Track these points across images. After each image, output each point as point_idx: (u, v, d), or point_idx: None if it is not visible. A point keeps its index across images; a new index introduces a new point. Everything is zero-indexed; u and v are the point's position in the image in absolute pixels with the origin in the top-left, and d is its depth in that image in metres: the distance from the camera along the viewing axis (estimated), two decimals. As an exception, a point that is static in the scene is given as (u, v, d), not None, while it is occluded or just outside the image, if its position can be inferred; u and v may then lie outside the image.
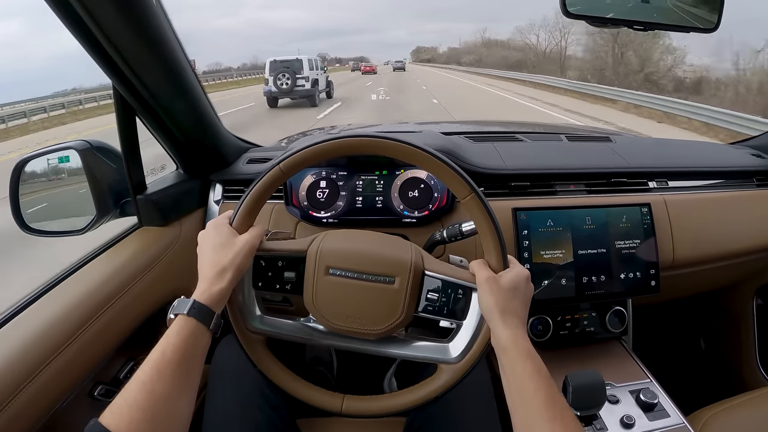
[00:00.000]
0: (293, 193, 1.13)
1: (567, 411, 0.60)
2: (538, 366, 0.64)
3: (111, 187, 1.04)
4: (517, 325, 0.68)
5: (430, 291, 0.74)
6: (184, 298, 0.66)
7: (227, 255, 0.70)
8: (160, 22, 0.82)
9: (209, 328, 0.66)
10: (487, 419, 0.92)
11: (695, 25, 1.04)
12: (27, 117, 17.75)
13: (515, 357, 0.65)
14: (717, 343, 1.59)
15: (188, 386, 0.62)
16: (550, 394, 0.61)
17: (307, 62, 15.16)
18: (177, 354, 0.61)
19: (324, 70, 17.99)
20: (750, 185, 1.31)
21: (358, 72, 53.36)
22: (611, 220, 1.11)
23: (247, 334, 0.76)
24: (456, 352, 0.75)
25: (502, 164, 1.19)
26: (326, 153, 0.73)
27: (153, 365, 0.59)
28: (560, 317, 1.14)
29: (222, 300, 0.68)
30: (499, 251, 0.72)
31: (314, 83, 15.59)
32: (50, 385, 0.75)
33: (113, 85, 0.91)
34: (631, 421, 0.95)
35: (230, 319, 0.75)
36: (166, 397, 0.58)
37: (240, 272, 0.70)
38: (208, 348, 0.67)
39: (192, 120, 1.05)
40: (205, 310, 0.66)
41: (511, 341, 0.66)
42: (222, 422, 0.88)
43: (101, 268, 0.96)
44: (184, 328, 0.63)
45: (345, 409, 0.75)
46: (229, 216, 0.75)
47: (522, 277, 0.72)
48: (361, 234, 0.81)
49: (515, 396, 0.64)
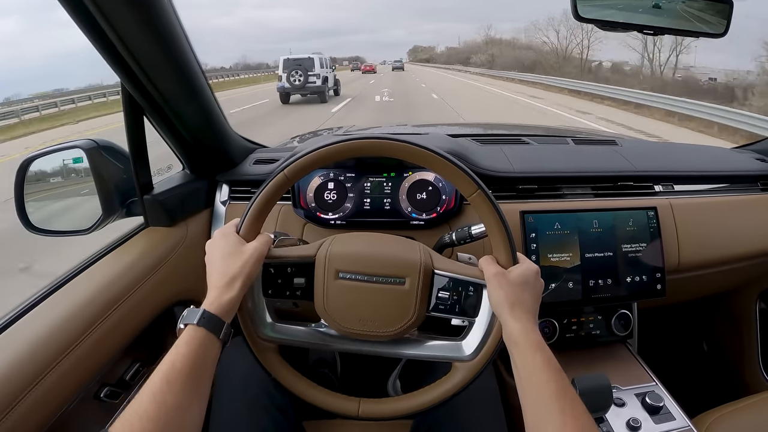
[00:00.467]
0: (301, 195, 1.13)
1: (578, 403, 0.60)
2: (548, 358, 0.64)
3: (117, 186, 1.03)
4: (528, 319, 0.68)
5: (441, 290, 0.74)
6: (194, 308, 0.66)
7: (236, 264, 0.69)
8: (171, 22, 0.82)
9: (219, 337, 0.65)
10: (493, 421, 0.92)
11: (704, 30, 1.04)
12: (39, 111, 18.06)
13: (526, 350, 0.65)
14: (720, 347, 1.60)
15: (198, 396, 0.61)
16: (560, 386, 0.61)
17: (318, 60, 15.73)
18: (187, 364, 0.60)
19: (332, 68, 18.75)
20: (754, 189, 1.32)
21: (358, 72, 55.75)
22: (618, 224, 1.11)
23: (259, 342, 0.76)
24: (470, 349, 0.75)
25: (509, 167, 1.19)
26: (330, 156, 0.72)
27: (163, 376, 0.59)
28: (566, 320, 1.14)
29: (232, 309, 0.68)
30: (508, 247, 0.73)
31: (324, 80, 16.22)
32: (57, 386, 0.74)
33: (122, 84, 0.90)
34: (637, 424, 0.95)
35: (242, 327, 0.75)
36: (177, 408, 0.57)
37: (249, 280, 0.70)
38: (218, 358, 0.67)
39: (200, 120, 1.04)
40: (215, 320, 0.65)
41: (521, 334, 0.66)
42: (228, 423, 0.88)
43: (108, 269, 0.96)
44: (194, 339, 0.63)
45: (362, 413, 0.75)
46: (236, 224, 0.75)
47: (531, 271, 0.73)
48: (369, 236, 0.81)
49: (526, 388, 0.64)
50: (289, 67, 15.66)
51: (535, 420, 0.61)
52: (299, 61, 15.85)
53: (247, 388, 0.91)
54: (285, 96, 16.39)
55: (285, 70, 15.66)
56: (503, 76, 34.93)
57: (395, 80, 32.77)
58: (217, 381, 0.94)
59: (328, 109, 13.92)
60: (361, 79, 36.21)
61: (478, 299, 0.74)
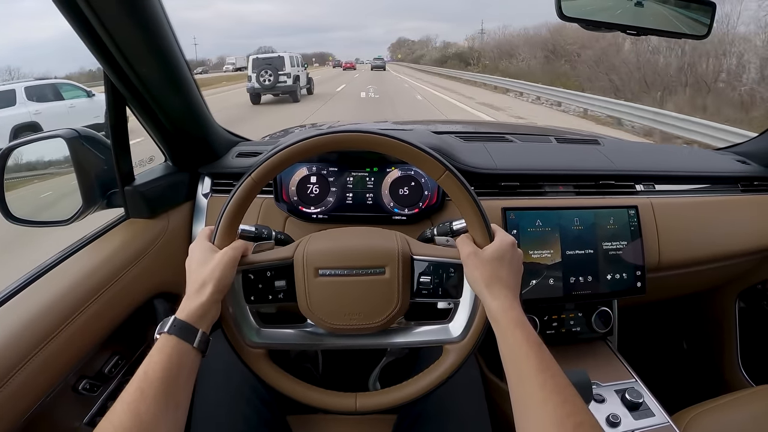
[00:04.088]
0: (283, 189, 1.12)
1: (560, 377, 0.60)
2: (528, 333, 0.64)
3: (98, 177, 1.02)
4: (506, 295, 0.68)
5: (422, 275, 0.75)
6: (169, 317, 0.66)
7: (206, 270, 0.69)
8: (155, 9, 0.81)
9: (194, 345, 0.64)
10: (476, 416, 0.92)
11: (687, 32, 1.06)
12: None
13: (505, 327, 0.65)
14: (700, 345, 1.62)
15: (175, 406, 0.61)
16: (540, 360, 0.61)
17: (288, 59, 15.46)
18: (160, 373, 0.60)
19: (304, 66, 18.43)
20: (734, 190, 1.33)
21: (339, 69, 65.74)
22: (599, 222, 1.12)
23: (247, 349, 0.75)
24: (458, 330, 0.75)
25: (492, 164, 1.19)
26: (293, 156, 0.72)
27: (136, 386, 0.58)
28: (547, 317, 1.15)
29: (204, 315, 0.67)
30: (482, 223, 0.73)
31: (296, 79, 15.91)
32: (34, 378, 0.73)
33: (104, 74, 0.90)
34: (616, 420, 0.96)
35: (228, 337, 0.74)
36: (152, 418, 0.57)
37: (220, 285, 0.69)
38: (196, 366, 0.66)
39: (183, 111, 1.03)
40: (187, 327, 0.65)
41: (500, 312, 0.66)
42: (212, 415, 0.88)
43: (87, 260, 0.95)
44: (167, 347, 0.63)
45: (360, 407, 0.75)
46: (208, 234, 0.75)
47: (507, 245, 0.72)
48: (345, 231, 0.81)
49: (508, 365, 0.64)
50: (258, 66, 15.29)
51: (518, 395, 0.61)
52: (269, 60, 15.56)
53: (231, 380, 0.91)
54: (255, 97, 16.02)
55: (254, 70, 15.26)
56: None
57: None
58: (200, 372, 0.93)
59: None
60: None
61: (459, 280, 0.75)
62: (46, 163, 1.07)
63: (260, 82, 15.26)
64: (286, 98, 16.23)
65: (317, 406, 0.76)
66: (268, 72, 15.20)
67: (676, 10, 1.05)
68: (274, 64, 15.30)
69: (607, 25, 1.03)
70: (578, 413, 0.56)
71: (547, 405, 0.57)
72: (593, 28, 1.04)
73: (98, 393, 0.92)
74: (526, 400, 0.59)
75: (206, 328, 0.67)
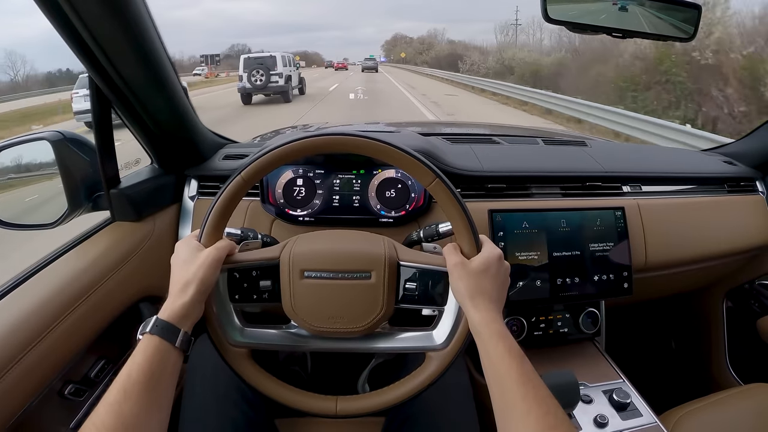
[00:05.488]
0: (269, 191, 1.12)
1: (541, 388, 0.60)
2: (509, 346, 0.64)
3: (84, 180, 1.01)
4: (488, 308, 0.68)
5: (408, 281, 0.75)
6: (151, 318, 0.65)
7: (190, 269, 0.69)
8: (138, 10, 0.80)
9: (175, 345, 0.64)
10: (465, 418, 0.92)
11: (672, 35, 1.06)
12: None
13: (487, 340, 0.65)
14: (688, 345, 1.63)
15: (158, 406, 0.61)
16: (522, 372, 0.61)
17: (280, 59, 15.33)
18: (143, 374, 0.60)
19: (297, 66, 18.19)
20: (721, 191, 1.34)
21: (331, 69, 67.98)
22: (586, 223, 1.13)
23: (230, 348, 0.75)
24: (441, 338, 0.75)
25: (478, 166, 1.20)
26: (287, 156, 0.72)
27: (120, 387, 0.58)
28: (534, 318, 1.15)
29: (187, 315, 0.67)
30: (470, 233, 0.73)
31: (287, 79, 15.73)
32: (20, 383, 0.73)
33: (89, 76, 0.89)
34: (604, 420, 0.96)
35: (211, 336, 0.74)
36: (135, 419, 0.57)
37: (204, 285, 0.69)
38: (179, 366, 0.66)
39: (168, 113, 1.03)
40: (169, 327, 0.64)
41: (482, 324, 0.66)
42: (199, 417, 0.87)
43: (72, 264, 0.94)
44: (149, 347, 0.62)
45: (340, 411, 0.75)
46: (196, 234, 0.75)
47: (493, 257, 0.72)
48: (332, 233, 0.81)
49: (490, 377, 0.64)
50: (249, 66, 15.06)
51: (501, 407, 0.61)
52: (261, 59, 15.35)
53: (218, 381, 0.90)
54: (246, 97, 15.75)
55: (246, 70, 15.04)
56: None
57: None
58: (187, 374, 0.93)
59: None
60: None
61: (445, 288, 0.74)
62: (31, 165, 1.05)
63: (251, 82, 15.08)
64: (277, 98, 16.12)
65: (297, 408, 0.75)
66: (260, 72, 15.04)
67: (661, 16, 1.06)
68: (266, 63, 15.14)
69: (593, 28, 1.04)
70: (560, 425, 0.57)
71: (530, 417, 0.57)
72: (579, 30, 1.05)
73: (84, 398, 0.91)
74: (509, 412, 0.59)
75: (189, 327, 0.67)
